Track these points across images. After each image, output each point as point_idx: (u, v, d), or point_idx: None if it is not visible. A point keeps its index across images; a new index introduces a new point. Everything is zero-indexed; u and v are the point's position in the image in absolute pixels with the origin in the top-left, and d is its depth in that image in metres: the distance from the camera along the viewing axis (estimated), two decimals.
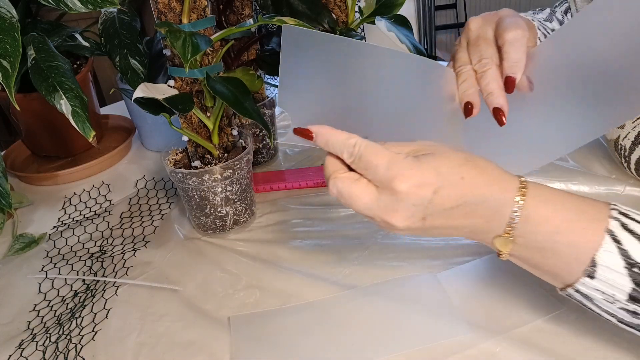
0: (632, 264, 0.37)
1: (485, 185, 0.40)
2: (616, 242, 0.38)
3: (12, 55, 0.55)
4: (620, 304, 0.39)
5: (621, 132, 0.64)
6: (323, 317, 0.56)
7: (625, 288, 0.38)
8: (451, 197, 0.40)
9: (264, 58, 0.76)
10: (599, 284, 0.39)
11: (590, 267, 0.38)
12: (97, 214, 0.81)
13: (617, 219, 0.38)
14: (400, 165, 0.40)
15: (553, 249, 0.39)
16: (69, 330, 0.59)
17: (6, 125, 1.94)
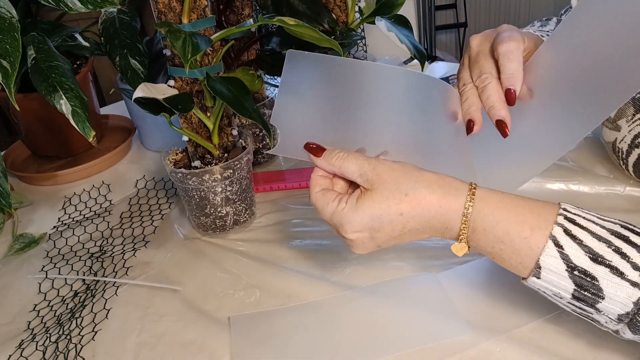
0: (573, 268, 0.40)
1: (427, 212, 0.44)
2: (558, 247, 0.41)
3: (12, 55, 0.55)
4: (567, 300, 0.42)
5: (618, 135, 0.64)
6: (323, 317, 0.56)
7: (568, 289, 0.41)
8: (394, 231, 0.45)
9: (264, 58, 0.76)
10: (545, 284, 0.42)
11: (535, 269, 0.42)
12: (97, 214, 0.81)
13: (561, 225, 0.41)
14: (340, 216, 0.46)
15: (499, 254, 0.44)
16: (69, 330, 0.59)
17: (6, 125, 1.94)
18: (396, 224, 0.45)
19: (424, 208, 0.44)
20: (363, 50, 1.18)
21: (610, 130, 0.66)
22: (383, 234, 0.46)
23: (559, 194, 0.69)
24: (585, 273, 0.40)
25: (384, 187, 0.45)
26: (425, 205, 0.44)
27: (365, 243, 0.47)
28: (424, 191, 0.44)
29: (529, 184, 0.70)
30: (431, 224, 0.45)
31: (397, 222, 0.45)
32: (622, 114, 0.63)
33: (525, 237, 0.42)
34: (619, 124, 0.63)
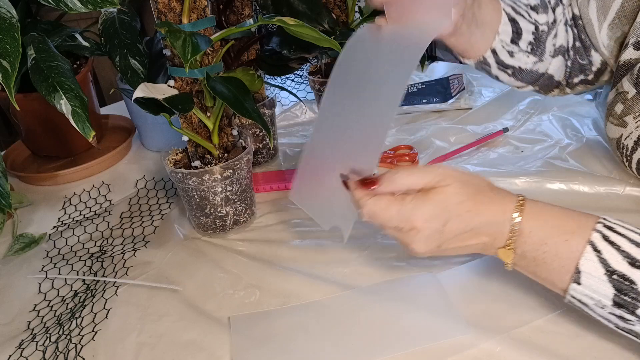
0: (612, 272, 0.42)
1: (487, 212, 0.46)
2: (596, 251, 0.42)
3: (12, 55, 0.55)
4: (608, 309, 0.43)
5: (624, 131, 0.64)
6: (323, 317, 0.56)
7: (609, 294, 0.42)
8: (459, 228, 0.46)
9: (264, 58, 0.76)
10: (586, 289, 0.43)
11: (575, 273, 0.43)
12: (97, 214, 0.81)
13: (600, 232, 0.43)
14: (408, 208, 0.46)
15: (543, 258, 0.45)
16: (69, 330, 0.59)
17: (6, 125, 1.94)
18: (462, 219, 0.46)
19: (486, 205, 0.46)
20: None
21: (615, 127, 0.65)
22: (451, 228, 0.46)
23: (559, 194, 0.69)
24: (624, 277, 0.41)
25: (455, 184, 0.46)
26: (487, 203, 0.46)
27: (432, 236, 0.46)
28: (488, 192, 0.47)
29: (530, 184, 0.70)
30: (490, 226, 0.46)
31: (464, 218, 0.46)
32: (629, 110, 0.62)
33: (566, 240, 0.44)
34: (626, 120, 0.63)
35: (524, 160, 0.77)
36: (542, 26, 0.67)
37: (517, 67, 0.68)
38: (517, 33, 0.66)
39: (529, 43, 0.67)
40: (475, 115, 0.94)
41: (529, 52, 0.68)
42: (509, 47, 0.67)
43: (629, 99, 0.62)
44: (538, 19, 0.67)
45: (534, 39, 0.67)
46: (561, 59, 0.69)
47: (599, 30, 0.65)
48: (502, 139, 0.84)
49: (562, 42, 0.69)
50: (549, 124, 0.86)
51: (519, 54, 0.67)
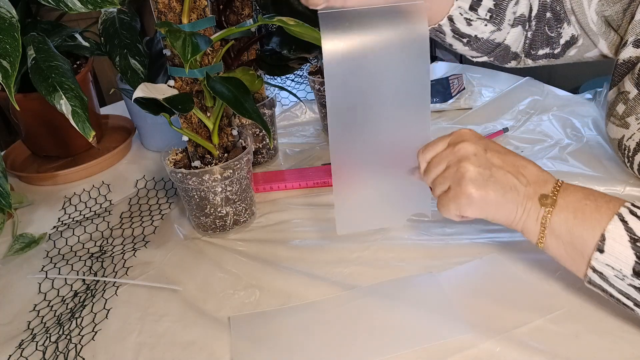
0: (635, 240, 0.43)
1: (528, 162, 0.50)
2: (623, 221, 0.44)
3: (12, 55, 0.55)
4: (628, 279, 0.44)
5: (626, 132, 0.63)
6: (323, 317, 0.56)
7: (630, 261, 0.43)
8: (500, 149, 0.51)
9: (264, 58, 0.76)
10: (608, 257, 0.44)
11: (600, 241, 0.44)
12: (97, 214, 0.81)
13: (628, 208, 0.45)
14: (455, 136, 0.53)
15: (582, 211, 0.46)
16: (69, 330, 0.59)
17: (6, 125, 1.94)
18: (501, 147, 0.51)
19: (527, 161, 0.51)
20: None
21: (617, 127, 0.64)
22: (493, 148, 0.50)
23: None
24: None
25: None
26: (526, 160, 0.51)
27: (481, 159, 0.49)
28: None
29: None
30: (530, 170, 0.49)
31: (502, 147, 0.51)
32: (631, 111, 0.62)
33: (598, 207, 0.46)
34: (628, 121, 0.62)
35: None
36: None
37: (474, 35, 0.66)
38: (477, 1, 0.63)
39: (488, 10, 0.64)
40: (475, 115, 0.94)
41: (487, 20, 0.65)
42: (467, 14, 0.64)
43: (631, 99, 0.62)
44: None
45: (494, 6, 0.64)
46: (520, 29, 0.67)
47: (588, 5, 0.64)
48: (502, 139, 0.84)
49: (522, 11, 0.66)
50: (549, 124, 0.86)
51: (476, 22, 0.65)
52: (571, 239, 0.47)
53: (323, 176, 0.79)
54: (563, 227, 0.47)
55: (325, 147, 0.90)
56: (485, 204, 0.49)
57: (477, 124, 0.90)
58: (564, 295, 0.53)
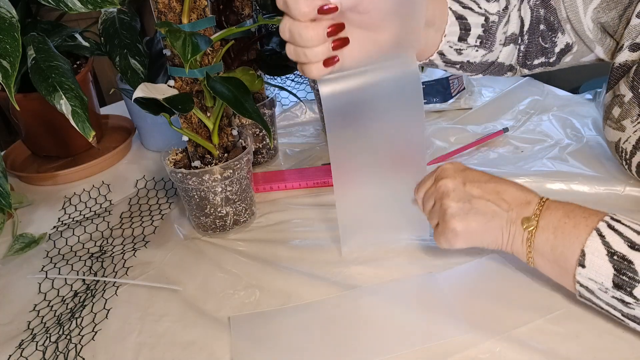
0: (613, 253, 0.45)
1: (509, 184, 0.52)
2: (600, 235, 0.46)
3: (12, 55, 0.55)
4: (610, 292, 0.45)
5: (622, 135, 0.63)
6: (323, 317, 0.56)
7: (609, 274, 0.45)
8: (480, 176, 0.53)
9: (264, 58, 0.76)
10: (590, 272, 0.46)
11: (580, 256, 0.46)
12: (97, 214, 0.81)
13: (606, 222, 0.46)
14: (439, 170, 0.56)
15: (562, 230, 0.48)
16: (69, 330, 0.59)
17: (6, 125, 1.94)
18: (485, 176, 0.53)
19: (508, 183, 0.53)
20: None
21: (613, 130, 0.64)
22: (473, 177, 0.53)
23: (559, 194, 0.69)
24: (623, 257, 0.44)
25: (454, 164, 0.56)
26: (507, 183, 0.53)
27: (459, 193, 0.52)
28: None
29: (530, 184, 0.70)
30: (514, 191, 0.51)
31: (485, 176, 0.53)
32: (626, 114, 0.62)
33: (576, 224, 0.48)
34: (624, 124, 0.62)
35: (524, 160, 0.77)
36: (492, 16, 0.63)
37: (466, 61, 0.66)
38: (465, 30, 0.63)
39: (477, 37, 0.64)
40: (475, 115, 0.94)
41: (477, 46, 0.65)
42: (456, 45, 0.64)
43: (626, 102, 0.62)
44: (488, 9, 0.63)
45: (484, 32, 0.64)
46: (512, 46, 0.67)
47: (584, 13, 0.64)
48: (502, 139, 0.84)
49: (513, 30, 0.66)
50: (549, 124, 0.86)
51: (467, 50, 0.64)
52: (555, 257, 0.49)
53: (323, 176, 0.79)
54: (546, 246, 0.49)
55: (325, 147, 0.90)
56: (470, 234, 0.52)
57: (477, 124, 0.90)
58: (564, 295, 0.53)
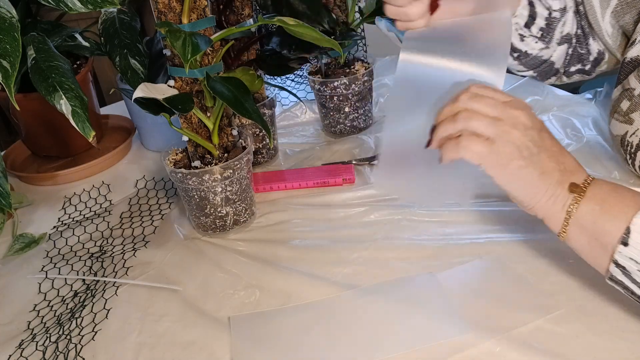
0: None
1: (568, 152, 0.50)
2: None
3: (12, 55, 0.55)
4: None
5: (629, 128, 0.63)
6: (323, 317, 0.56)
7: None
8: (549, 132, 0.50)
9: (264, 58, 0.76)
10: (633, 251, 0.44)
11: (625, 234, 0.44)
12: (97, 214, 0.81)
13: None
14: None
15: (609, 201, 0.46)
16: (69, 330, 0.59)
17: (6, 125, 1.94)
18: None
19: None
20: (363, 51, 1.18)
21: (620, 123, 0.64)
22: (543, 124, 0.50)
23: None
24: None
25: None
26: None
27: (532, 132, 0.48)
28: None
29: None
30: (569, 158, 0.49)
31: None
32: (636, 107, 0.62)
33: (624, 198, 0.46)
34: (632, 117, 0.62)
35: None
36: (554, 12, 0.68)
37: (524, 51, 0.69)
38: (532, 17, 0.67)
39: (540, 29, 0.68)
40: None
41: (538, 38, 0.68)
42: (521, 30, 0.68)
43: (636, 95, 0.62)
44: (552, 5, 0.68)
45: (546, 25, 0.68)
46: (565, 46, 0.70)
47: (602, 17, 0.65)
48: None
49: (568, 30, 0.69)
50: (549, 124, 0.86)
51: (528, 39, 0.68)
52: (595, 231, 0.46)
53: (323, 176, 0.79)
54: (589, 217, 0.46)
55: (325, 147, 0.90)
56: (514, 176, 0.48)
57: None
58: (564, 295, 0.53)
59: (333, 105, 0.89)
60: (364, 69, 0.88)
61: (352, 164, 0.82)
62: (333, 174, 0.79)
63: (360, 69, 0.88)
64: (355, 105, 0.89)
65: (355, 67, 0.89)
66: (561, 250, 0.58)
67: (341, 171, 0.79)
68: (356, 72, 0.88)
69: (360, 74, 0.87)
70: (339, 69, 0.89)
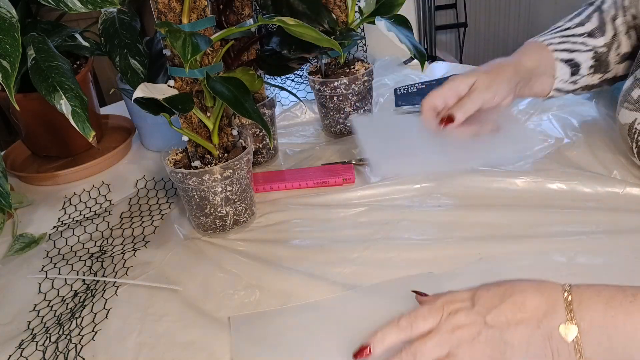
0: None
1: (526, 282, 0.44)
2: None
3: (12, 55, 0.55)
4: None
5: (638, 115, 0.64)
6: (323, 317, 0.56)
7: None
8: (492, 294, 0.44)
9: (264, 58, 0.76)
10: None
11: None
12: (97, 214, 0.81)
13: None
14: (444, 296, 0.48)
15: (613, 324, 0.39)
16: (69, 330, 0.59)
17: (6, 125, 1.94)
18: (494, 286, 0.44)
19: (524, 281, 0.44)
20: (363, 51, 1.18)
21: (629, 111, 0.65)
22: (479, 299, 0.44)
23: (559, 193, 0.69)
24: None
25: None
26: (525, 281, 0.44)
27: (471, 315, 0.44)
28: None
29: (530, 184, 0.70)
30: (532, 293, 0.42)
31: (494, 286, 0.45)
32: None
33: (631, 301, 0.40)
34: None
35: (524, 160, 0.77)
36: (600, 49, 0.72)
37: (584, 85, 0.75)
38: (576, 67, 0.72)
39: (590, 67, 0.73)
40: None
41: (592, 73, 0.73)
42: (570, 79, 0.73)
43: None
44: (596, 44, 0.72)
45: (595, 61, 0.73)
46: (629, 61, 0.73)
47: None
48: None
49: (626, 50, 0.72)
50: (549, 124, 0.85)
51: (582, 79, 0.73)
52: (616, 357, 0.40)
53: (323, 176, 0.79)
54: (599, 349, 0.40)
55: (325, 147, 0.90)
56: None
57: None
58: None
59: (333, 105, 0.89)
60: (364, 69, 0.88)
61: (352, 164, 0.82)
62: (333, 174, 0.79)
63: (360, 69, 0.88)
64: (355, 105, 0.89)
65: (355, 67, 0.89)
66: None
67: (341, 171, 0.79)
68: (356, 72, 0.88)
69: (360, 74, 0.87)
70: (339, 69, 0.89)
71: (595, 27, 0.73)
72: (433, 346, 0.44)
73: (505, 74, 0.69)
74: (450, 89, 0.68)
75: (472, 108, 0.66)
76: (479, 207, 0.68)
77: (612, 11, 0.73)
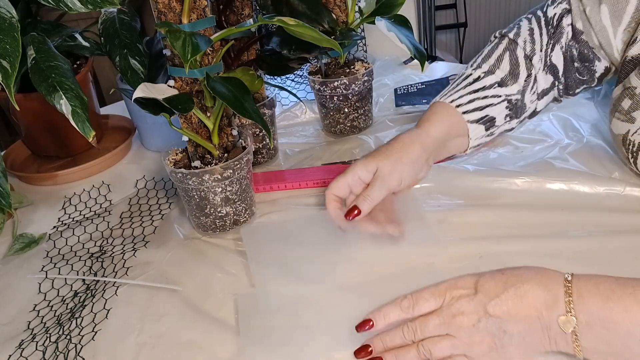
0: None
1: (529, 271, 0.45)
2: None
3: (12, 55, 0.55)
4: None
5: (631, 126, 0.63)
6: (323, 316, 0.56)
7: None
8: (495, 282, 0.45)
9: (264, 58, 0.76)
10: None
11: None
12: (97, 214, 0.81)
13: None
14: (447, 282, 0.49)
15: (611, 318, 0.41)
16: (69, 330, 0.59)
17: (6, 125, 1.94)
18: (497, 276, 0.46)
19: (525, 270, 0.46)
20: (363, 51, 1.18)
21: (622, 122, 0.64)
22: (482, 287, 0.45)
23: (559, 194, 0.69)
24: None
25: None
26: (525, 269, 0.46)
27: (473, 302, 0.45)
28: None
29: (530, 184, 0.70)
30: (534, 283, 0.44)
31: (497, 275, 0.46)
32: (637, 106, 0.62)
33: (630, 293, 0.41)
34: (634, 115, 0.62)
35: (524, 160, 0.77)
36: (514, 96, 0.71)
37: (504, 130, 0.74)
38: (491, 121, 0.71)
39: (505, 116, 0.72)
40: None
41: (509, 121, 0.73)
42: (487, 132, 0.72)
43: (637, 94, 0.62)
44: (509, 92, 0.70)
45: (510, 110, 0.71)
46: (548, 95, 0.73)
47: (614, 35, 0.65)
48: (502, 139, 0.84)
49: (543, 87, 0.72)
50: (549, 124, 0.86)
51: (499, 128, 0.73)
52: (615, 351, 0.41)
53: (323, 176, 0.79)
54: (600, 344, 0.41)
55: (325, 147, 0.90)
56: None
57: None
58: None
59: (333, 105, 0.90)
60: (364, 69, 0.88)
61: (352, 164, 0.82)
62: (333, 174, 0.79)
63: (360, 69, 0.88)
64: (355, 105, 0.89)
65: (355, 67, 0.89)
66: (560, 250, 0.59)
67: (341, 171, 0.79)
68: (356, 72, 0.88)
69: (360, 74, 0.87)
70: (339, 69, 0.89)
71: (505, 74, 0.70)
72: (434, 327, 0.46)
73: (410, 155, 0.64)
74: (353, 177, 0.64)
75: (377, 198, 0.63)
76: (479, 207, 0.68)
77: (527, 47, 0.70)
